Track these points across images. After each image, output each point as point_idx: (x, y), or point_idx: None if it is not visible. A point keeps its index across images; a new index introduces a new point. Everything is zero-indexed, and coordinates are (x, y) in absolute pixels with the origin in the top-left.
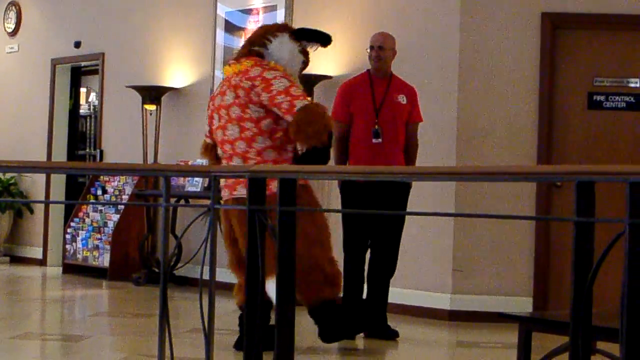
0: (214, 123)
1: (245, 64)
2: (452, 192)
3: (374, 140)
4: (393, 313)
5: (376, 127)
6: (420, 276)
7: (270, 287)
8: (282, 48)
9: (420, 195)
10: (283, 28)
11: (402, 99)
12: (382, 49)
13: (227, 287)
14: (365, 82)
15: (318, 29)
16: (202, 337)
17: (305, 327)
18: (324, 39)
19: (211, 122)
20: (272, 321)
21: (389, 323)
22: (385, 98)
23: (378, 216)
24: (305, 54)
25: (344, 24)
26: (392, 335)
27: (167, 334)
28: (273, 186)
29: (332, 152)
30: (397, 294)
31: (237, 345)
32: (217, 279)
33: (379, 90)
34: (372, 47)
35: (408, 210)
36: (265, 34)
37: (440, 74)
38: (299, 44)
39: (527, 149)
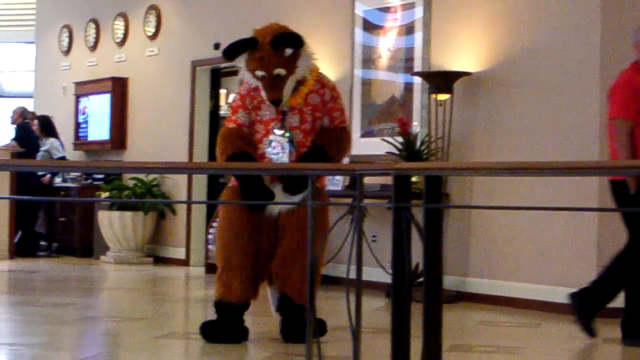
0: None
1: None
2: (596, 187)
3: None
4: (535, 310)
5: None
6: (563, 273)
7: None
8: None
9: (562, 191)
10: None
11: None
12: None
13: (371, 286)
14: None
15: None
16: (349, 335)
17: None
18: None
19: None
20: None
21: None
22: None
23: None
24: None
25: (483, 19)
26: None
27: (312, 335)
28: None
29: (620, 150)
30: (539, 291)
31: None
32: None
33: None
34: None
35: (551, 205)
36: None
37: (579, 69)
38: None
39: None
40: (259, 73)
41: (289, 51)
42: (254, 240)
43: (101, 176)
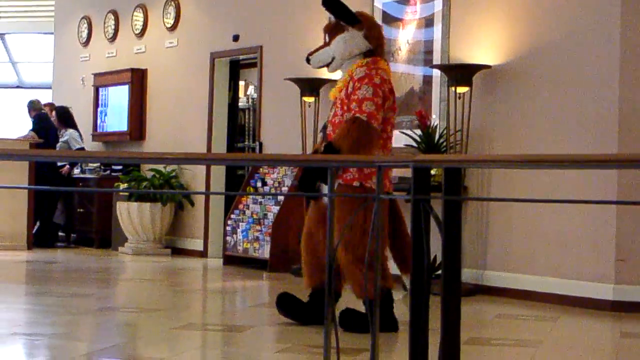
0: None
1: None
2: (615, 180)
3: None
4: (553, 303)
5: None
6: (581, 266)
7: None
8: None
9: (581, 184)
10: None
11: None
12: None
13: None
14: None
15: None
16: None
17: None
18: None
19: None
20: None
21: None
22: None
23: None
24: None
25: (502, 12)
26: None
27: (332, 324)
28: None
29: None
30: (557, 285)
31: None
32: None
33: None
34: None
35: (569, 199)
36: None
37: (599, 62)
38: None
39: None
40: None
41: (331, 19)
42: None
43: (119, 167)
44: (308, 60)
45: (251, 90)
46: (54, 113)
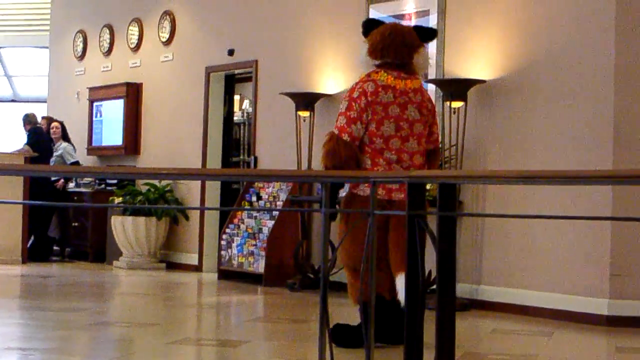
0: (386, 130)
1: (416, 82)
2: (609, 195)
3: None
4: (548, 318)
5: None
6: (576, 281)
7: (400, 283)
8: (423, 60)
9: (576, 200)
10: (418, 39)
11: None
12: None
13: None
14: None
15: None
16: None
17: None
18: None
19: (369, 123)
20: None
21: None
22: None
23: None
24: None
25: (497, 27)
26: None
27: (327, 339)
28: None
29: None
30: (552, 299)
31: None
32: None
33: None
34: None
35: (564, 214)
36: (411, 48)
37: (594, 77)
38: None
39: None
40: None
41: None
42: None
43: (114, 181)
44: None
45: (246, 104)
46: (58, 125)
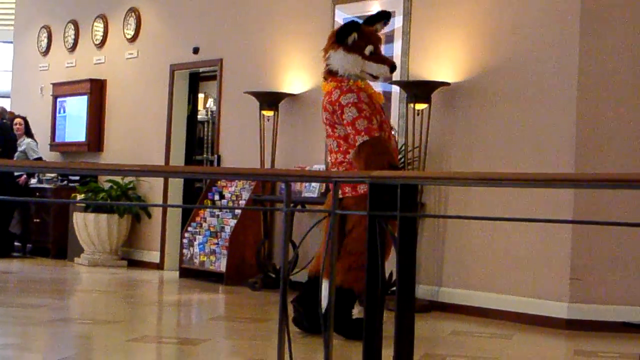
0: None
1: (328, 86)
2: (571, 199)
3: None
4: (508, 320)
5: None
6: (536, 284)
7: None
8: (338, 61)
9: (537, 203)
10: (332, 42)
11: None
12: None
13: None
14: None
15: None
16: (322, 341)
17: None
18: (371, 20)
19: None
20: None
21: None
22: None
23: None
24: (369, 40)
25: (462, 30)
26: None
27: (286, 339)
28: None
29: None
30: (512, 302)
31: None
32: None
33: None
34: None
35: (525, 217)
36: (325, 53)
37: (557, 82)
38: (348, 49)
39: None
40: None
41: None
42: None
43: (77, 178)
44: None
45: (210, 103)
46: (22, 121)
